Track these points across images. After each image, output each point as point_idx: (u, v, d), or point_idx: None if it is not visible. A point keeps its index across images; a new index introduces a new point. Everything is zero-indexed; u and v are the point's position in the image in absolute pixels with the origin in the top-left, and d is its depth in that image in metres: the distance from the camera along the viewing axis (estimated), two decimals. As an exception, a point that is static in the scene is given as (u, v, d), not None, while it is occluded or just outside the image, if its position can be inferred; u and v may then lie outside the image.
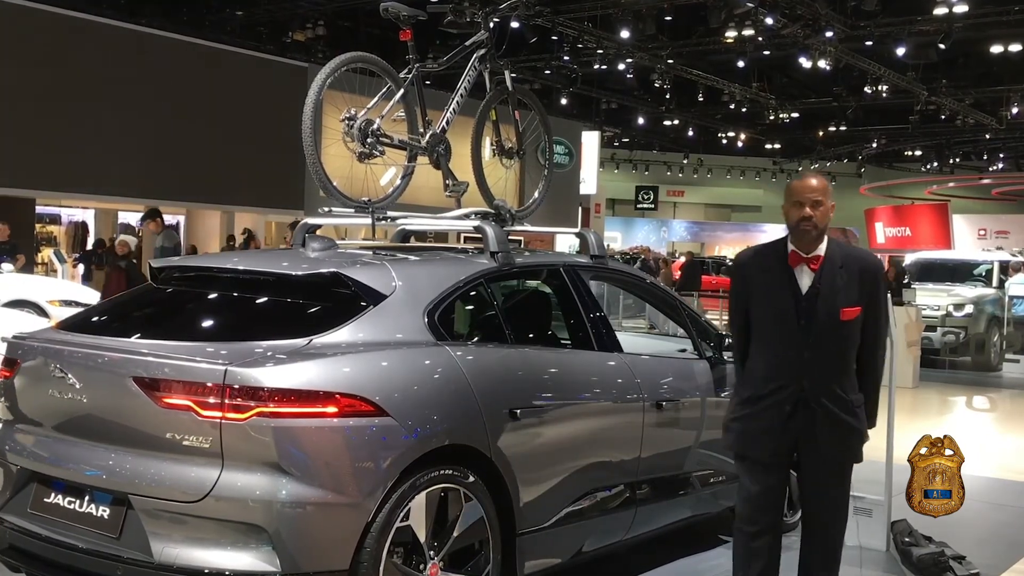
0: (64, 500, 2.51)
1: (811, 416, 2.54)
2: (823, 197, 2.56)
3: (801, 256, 2.57)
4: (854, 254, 2.63)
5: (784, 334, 2.55)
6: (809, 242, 2.56)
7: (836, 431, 2.56)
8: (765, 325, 2.60)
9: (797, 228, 2.56)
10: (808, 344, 2.52)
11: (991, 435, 7.14)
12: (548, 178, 4.17)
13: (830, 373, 2.55)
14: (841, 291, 2.53)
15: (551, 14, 13.90)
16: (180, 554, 2.29)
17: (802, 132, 23.89)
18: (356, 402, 2.37)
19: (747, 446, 2.63)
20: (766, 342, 2.60)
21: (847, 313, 2.53)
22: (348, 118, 3.19)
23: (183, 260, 3.20)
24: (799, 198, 2.56)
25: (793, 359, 2.53)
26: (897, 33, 14.51)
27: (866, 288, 2.57)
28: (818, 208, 2.54)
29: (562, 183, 16.93)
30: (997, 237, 21.67)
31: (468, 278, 2.93)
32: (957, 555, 3.51)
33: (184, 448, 2.32)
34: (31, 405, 2.67)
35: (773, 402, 2.56)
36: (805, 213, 2.53)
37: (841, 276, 2.55)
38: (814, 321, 2.52)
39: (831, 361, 2.55)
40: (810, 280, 2.56)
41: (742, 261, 2.73)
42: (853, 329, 2.55)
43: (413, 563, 2.47)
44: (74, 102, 11.73)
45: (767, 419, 2.57)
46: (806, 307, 2.54)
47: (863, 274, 2.57)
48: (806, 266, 2.56)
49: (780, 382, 2.55)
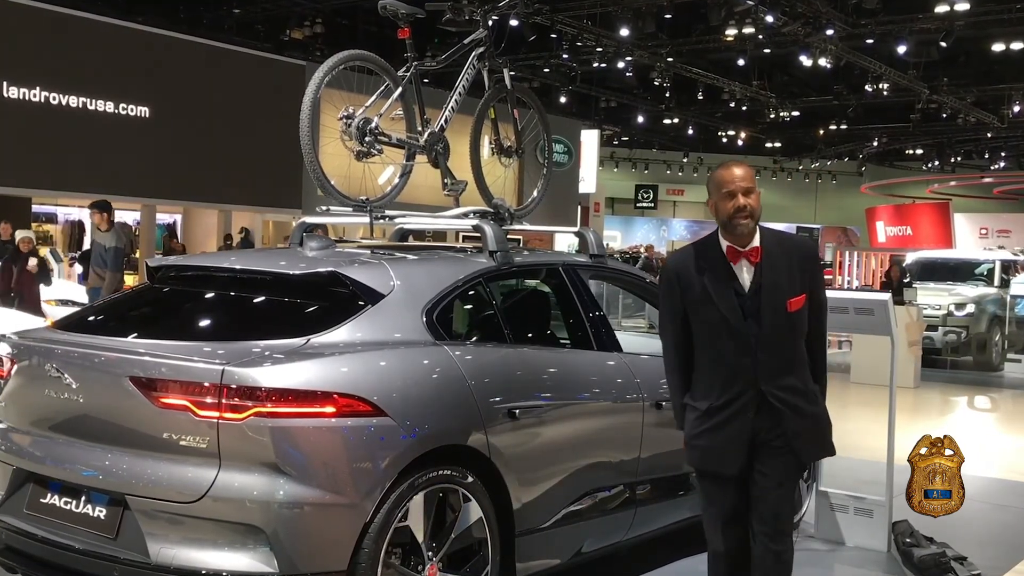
0: (61, 501, 2.50)
1: (776, 416, 2.36)
2: (752, 183, 2.40)
3: (739, 251, 2.39)
4: (789, 240, 2.48)
5: (733, 337, 2.36)
6: (746, 234, 2.38)
7: (806, 425, 2.40)
8: (711, 331, 2.40)
9: (732, 221, 2.37)
10: (760, 343, 2.35)
11: (993, 435, 7.12)
12: (547, 177, 4.15)
13: (787, 368, 2.39)
14: (784, 282, 2.38)
15: (550, 12, 13.86)
16: (177, 555, 2.28)
17: (802, 131, 23.85)
18: (354, 402, 2.36)
19: (715, 462, 2.42)
20: (715, 348, 2.40)
21: (794, 304, 2.38)
22: (346, 116, 3.18)
23: (180, 259, 3.19)
24: (730, 188, 2.38)
25: (747, 362, 2.35)
26: (898, 31, 14.47)
27: (807, 274, 2.42)
28: (751, 195, 2.38)
29: (561, 182, 16.90)
30: (999, 236, 21.64)
31: (467, 277, 2.92)
32: (959, 556, 3.49)
33: (181, 448, 2.31)
34: (27, 405, 2.66)
35: (735, 411, 2.37)
36: (740, 203, 2.36)
37: (781, 266, 2.40)
38: (762, 318, 2.36)
39: (786, 356, 2.39)
40: (751, 275, 2.39)
41: (675, 267, 2.49)
42: (801, 319, 2.41)
43: (411, 564, 2.47)
44: (70, 101, 11.70)
45: (731, 430, 2.38)
46: (751, 304, 2.37)
47: (802, 261, 2.43)
48: (745, 260, 2.39)
49: (737, 388, 2.37)
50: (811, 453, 2.50)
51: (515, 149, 3.90)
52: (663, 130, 24.68)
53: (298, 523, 2.27)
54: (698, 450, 2.45)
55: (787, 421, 2.37)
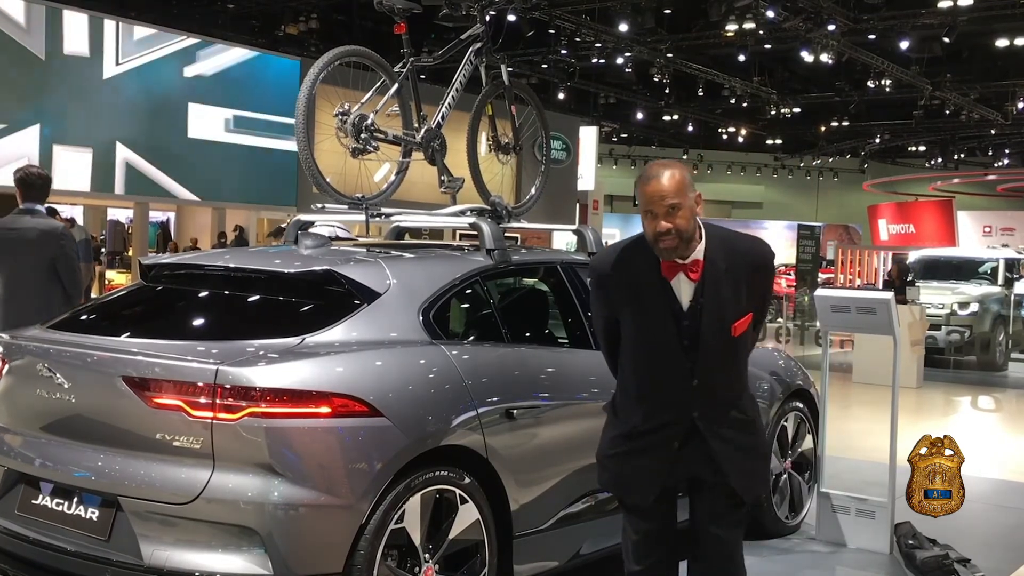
0: (52, 502, 2.48)
1: (706, 450, 2.09)
2: (679, 198, 2.03)
3: (677, 264, 2.08)
4: (740, 247, 2.13)
5: (665, 360, 2.07)
6: (675, 256, 2.08)
7: (740, 460, 2.12)
8: (640, 349, 2.12)
9: (657, 243, 2.06)
10: (696, 369, 2.07)
11: (997, 436, 7.08)
12: (545, 174, 4.13)
13: (725, 396, 2.11)
14: (729, 301, 2.07)
15: (548, 7, 13.82)
16: (170, 557, 2.25)
17: (804, 127, 23.79)
18: (349, 402, 2.34)
19: (626, 489, 2.17)
20: (644, 369, 2.12)
21: (738, 327, 2.09)
22: (342, 113, 3.15)
23: (174, 258, 3.16)
24: (651, 207, 2.04)
25: (679, 388, 2.07)
26: (901, 26, 14.41)
27: (756, 289, 2.12)
28: (677, 213, 2.03)
29: (559, 179, 16.91)
30: (1002, 234, 21.58)
31: (464, 276, 2.89)
32: (962, 558, 3.47)
33: (174, 449, 2.29)
34: (19, 405, 2.63)
35: (658, 439, 2.11)
36: (661, 227, 2.03)
37: (728, 282, 2.08)
38: (700, 342, 2.06)
39: (724, 382, 2.11)
40: (691, 292, 2.08)
41: (600, 272, 2.17)
42: (745, 340, 2.14)
43: (408, 566, 2.44)
44: (61, 96, 11.63)
45: (651, 458, 2.11)
46: (689, 326, 2.07)
47: (753, 273, 2.12)
48: (683, 275, 2.08)
49: (665, 417, 2.10)
50: (749, 487, 2.19)
51: (513, 146, 3.87)
52: (663, 127, 24.63)
53: (293, 525, 2.25)
54: (608, 472, 2.21)
55: (720, 456, 2.10)
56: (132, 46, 12.37)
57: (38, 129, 11.45)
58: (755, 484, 2.26)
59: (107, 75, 12.13)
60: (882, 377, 4.66)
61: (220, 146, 13.44)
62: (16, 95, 11.25)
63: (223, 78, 13.39)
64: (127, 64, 12.33)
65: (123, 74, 12.30)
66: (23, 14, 11.36)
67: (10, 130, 11.24)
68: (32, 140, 11.40)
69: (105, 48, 12.09)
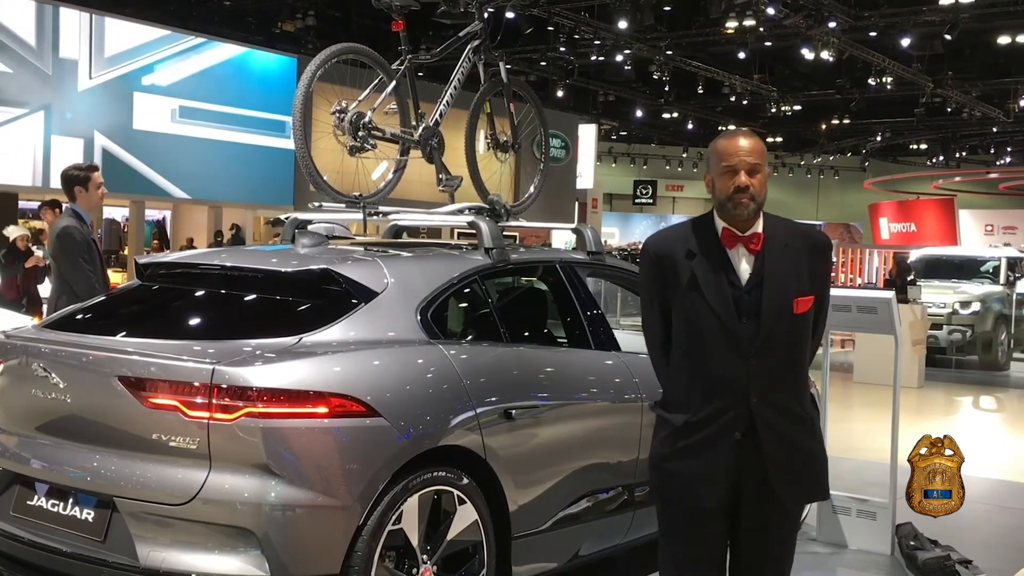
0: (48, 503, 2.46)
1: (761, 444, 1.95)
2: (760, 159, 1.99)
3: (737, 235, 2.00)
4: (799, 229, 2.08)
5: (723, 337, 1.96)
6: (746, 218, 2.00)
7: (798, 463, 1.98)
8: (696, 328, 2.00)
9: (731, 201, 1.98)
10: (753, 348, 1.95)
11: (998, 436, 7.07)
12: (544, 172, 4.11)
13: (783, 384, 1.98)
14: (791, 276, 1.99)
15: (547, 4, 13.80)
16: (166, 558, 2.24)
17: (804, 125, 23.75)
18: (347, 402, 2.33)
19: (687, 489, 1.98)
20: (698, 349, 2.00)
21: (801, 304, 1.98)
22: (339, 111, 3.13)
23: (170, 257, 3.15)
24: (732, 162, 1.98)
25: (736, 369, 1.95)
26: (902, 23, 14.38)
27: (818, 272, 2.04)
28: (756, 175, 1.98)
29: (558, 177, 16.90)
30: (1004, 233, 21.55)
31: (462, 275, 2.87)
32: (964, 559, 3.46)
33: (171, 449, 2.27)
34: (13, 405, 2.62)
35: (717, 429, 1.96)
36: (741, 182, 1.97)
37: (789, 258, 2.00)
38: (760, 318, 1.96)
39: (783, 368, 1.98)
40: (750, 266, 1.99)
41: (656, 248, 2.07)
42: (806, 324, 2.02)
43: (406, 567, 2.43)
44: (57, 94, 11.62)
45: (715, 452, 1.96)
46: (749, 301, 1.97)
47: (814, 254, 2.03)
48: (744, 247, 2.00)
49: (722, 401, 1.96)
50: (797, 495, 2.05)
51: (511, 144, 3.86)
52: (662, 125, 24.61)
53: (290, 526, 2.24)
54: (666, 475, 2.02)
55: (775, 454, 1.96)
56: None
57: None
58: (805, 492, 2.08)
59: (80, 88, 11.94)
60: (883, 377, 4.65)
61: (216, 144, 13.43)
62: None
63: (217, 74, 13.34)
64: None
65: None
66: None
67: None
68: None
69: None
